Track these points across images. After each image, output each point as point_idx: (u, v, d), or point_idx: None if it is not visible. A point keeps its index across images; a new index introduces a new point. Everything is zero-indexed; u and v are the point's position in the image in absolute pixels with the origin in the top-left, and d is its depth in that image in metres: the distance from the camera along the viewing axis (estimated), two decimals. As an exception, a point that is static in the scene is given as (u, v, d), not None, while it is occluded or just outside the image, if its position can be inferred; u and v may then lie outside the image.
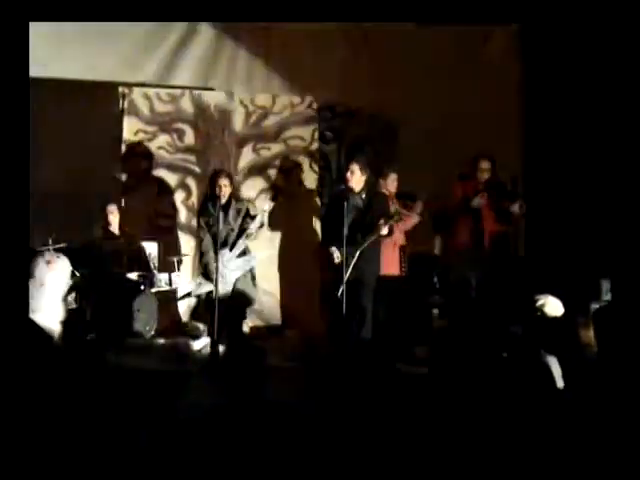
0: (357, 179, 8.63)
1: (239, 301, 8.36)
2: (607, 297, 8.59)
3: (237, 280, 8.38)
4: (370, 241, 8.38)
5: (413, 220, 9.40)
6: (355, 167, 8.64)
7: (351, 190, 8.59)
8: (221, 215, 8.27)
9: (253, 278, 8.57)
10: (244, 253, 8.47)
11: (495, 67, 10.75)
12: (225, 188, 8.46)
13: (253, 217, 8.62)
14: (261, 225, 8.74)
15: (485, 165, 9.07)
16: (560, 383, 5.14)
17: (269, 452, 4.23)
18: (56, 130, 9.72)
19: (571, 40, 9.89)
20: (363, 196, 8.62)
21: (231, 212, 8.41)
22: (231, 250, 8.27)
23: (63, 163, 9.82)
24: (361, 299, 8.40)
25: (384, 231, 8.40)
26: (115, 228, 9.42)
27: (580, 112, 9.84)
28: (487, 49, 10.83)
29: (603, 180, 9.60)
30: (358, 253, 8.27)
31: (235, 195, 8.78)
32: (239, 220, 8.51)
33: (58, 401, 4.27)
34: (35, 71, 9.66)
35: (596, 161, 9.68)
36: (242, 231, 8.43)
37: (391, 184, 9.31)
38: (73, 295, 8.94)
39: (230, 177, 8.72)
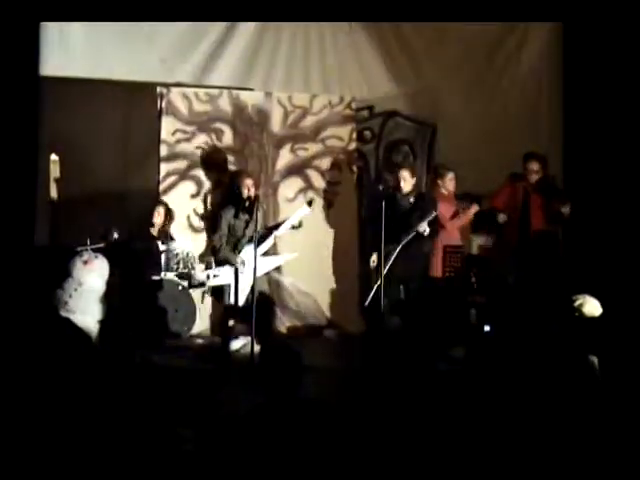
0: (408, 183, 8.72)
1: (260, 300, 8.40)
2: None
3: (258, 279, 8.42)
4: (407, 240, 8.44)
5: (470, 213, 9.32)
6: (406, 174, 8.74)
7: (400, 192, 8.69)
8: (252, 214, 8.39)
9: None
10: (268, 252, 8.55)
11: (535, 66, 10.70)
12: (252, 187, 8.63)
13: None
14: (295, 227, 8.75)
15: (534, 166, 9.06)
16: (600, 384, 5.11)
17: (304, 451, 4.23)
18: (94, 131, 9.78)
19: (612, 38, 9.82)
20: (411, 199, 8.72)
21: (258, 212, 8.49)
22: (255, 249, 8.31)
23: (102, 163, 9.87)
24: (401, 297, 8.49)
25: (421, 228, 8.45)
26: (156, 228, 9.47)
27: (620, 111, 9.77)
28: (527, 48, 10.77)
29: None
30: (396, 253, 8.35)
31: (258, 195, 8.85)
32: (260, 220, 8.58)
33: (97, 401, 4.30)
34: (77, 72, 9.88)
35: (636, 160, 9.62)
36: (269, 230, 8.53)
37: (449, 183, 9.30)
38: (111, 295, 8.99)
39: (252, 178, 8.91)
